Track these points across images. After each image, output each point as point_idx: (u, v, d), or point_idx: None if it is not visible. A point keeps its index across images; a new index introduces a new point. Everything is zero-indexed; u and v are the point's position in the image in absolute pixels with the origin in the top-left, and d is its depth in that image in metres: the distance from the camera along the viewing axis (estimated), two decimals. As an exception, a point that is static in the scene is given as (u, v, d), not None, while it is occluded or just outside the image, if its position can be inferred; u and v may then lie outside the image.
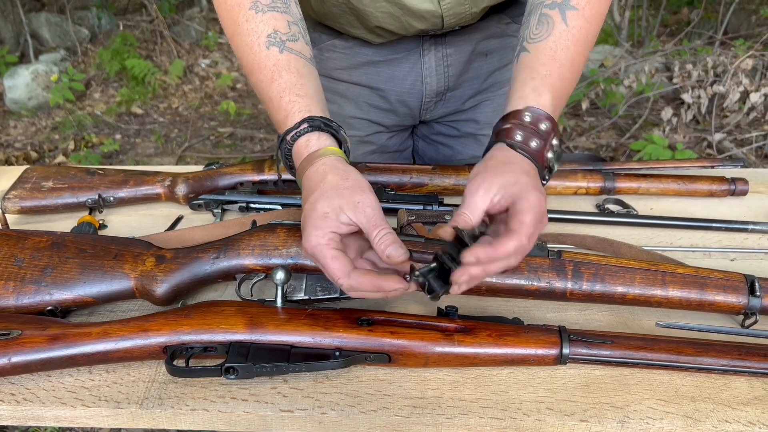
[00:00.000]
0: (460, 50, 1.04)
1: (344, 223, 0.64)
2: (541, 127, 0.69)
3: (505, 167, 0.65)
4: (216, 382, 0.63)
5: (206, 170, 0.99)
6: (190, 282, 0.72)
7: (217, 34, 5.41)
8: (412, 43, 1.02)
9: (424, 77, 1.05)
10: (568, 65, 0.73)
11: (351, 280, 0.62)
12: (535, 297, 0.72)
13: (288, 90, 0.73)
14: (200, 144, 3.63)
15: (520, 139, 0.68)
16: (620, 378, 0.64)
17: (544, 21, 0.75)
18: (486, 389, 0.62)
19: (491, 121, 1.10)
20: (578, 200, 0.99)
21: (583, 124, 3.26)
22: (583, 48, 0.75)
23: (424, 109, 1.11)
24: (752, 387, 0.63)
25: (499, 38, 1.07)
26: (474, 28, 1.03)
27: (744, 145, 2.69)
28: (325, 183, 0.66)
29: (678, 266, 0.72)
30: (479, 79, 1.10)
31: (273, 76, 0.73)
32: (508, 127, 0.70)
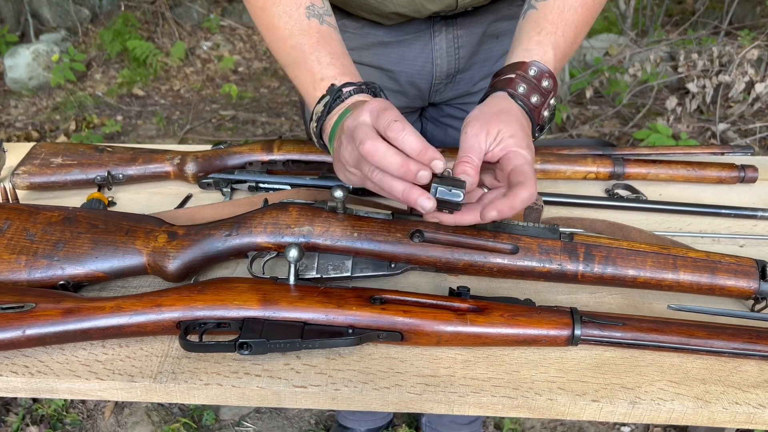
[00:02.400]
0: (471, 32, 1.04)
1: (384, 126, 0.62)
2: (543, 83, 0.72)
3: (503, 116, 0.67)
4: (229, 357, 0.63)
5: (215, 149, 0.99)
6: (202, 259, 0.72)
7: (219, 17, 5.38)
8: (423, 24, 1.01)
9: (435, 58, 1.05)
10: (573, 27, 0.75)
11: (408, 166, 0.59)
12: (546, 279, 0.73)
13: (340, 55, 0.75)
14: (202, 126, 3.61)
15: (522, 91, 0.71)
16: (631, 360, 0.64)
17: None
18: (498, 368, 0.63)
19: None
20: (588, 185, 0.99)
21: (587, 113, 3.25)
22: (590, 13, 0.77)
23: (434, 91, 1.10)
24: (762, 370, 0.63)
25: (511, 20, 1.06)
26: (486, 10, 1.03)
27: (748, 135, 2.69)
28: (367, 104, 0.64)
29: (689, 250, 0.72)
30: (490, 62, 1.09)
31: (319, 41, 0.75)
32: (511, 77, 0.71)
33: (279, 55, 0.79)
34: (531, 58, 0.72)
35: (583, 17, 0.76)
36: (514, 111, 0.69)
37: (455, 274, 0.76)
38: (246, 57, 4.80)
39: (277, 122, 3.63)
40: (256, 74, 4.50)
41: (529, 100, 0.70)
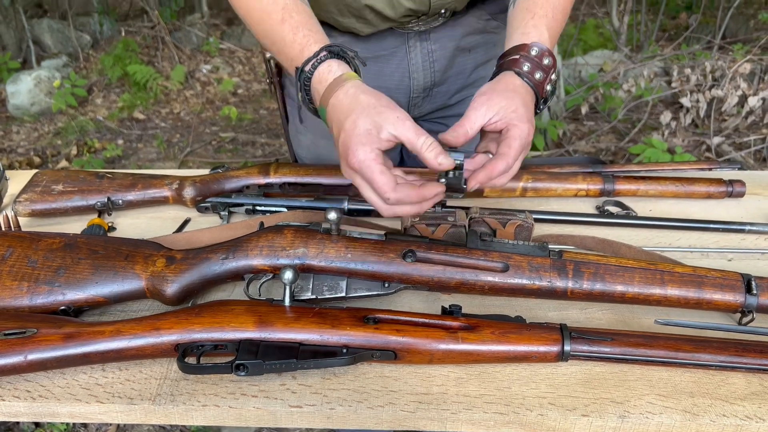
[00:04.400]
0: (444, 46, 1.08)
1: (386, 139, 0.68)
2: (544, 61, 0.79)
3: (509, 93, 0.75)
4: (226, 378, 0.64)
5: (213, 173, 1.01)
6: (199, 282, 0.74)
7: (218, 40, 5.45)
8: (398, 39, 1.05)
9: (411, 72, 1.08)
10: (561, 9, 0.84)
11: (397, 193, 0.68)
12: (537, 296, 0.74)
13: (301, 26, 0.78)
14: (202, 149, 3.65)
15: (527, 69, 0.78)
16: (620, 374, 0.65)
17: None
18: (489, 385, 0.64)
19: None
20: (579, 202, 1.01)
21: (583, 128, 3.28)
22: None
23: (413, 105, 1.13)
24: (749, 383, 0.64)
25: (481, 34, 1.11)
26: (456, 24, 1.07)
27: (742, 148, 2.71)
28: (359, 103, 0.70)
29: (676, 265, 0.74)
30: (464, 75, 1.13)
31: (284, 17, 0.79)
32: (516, 58, 0.79)
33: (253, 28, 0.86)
34: (530, 40, 0.80)
35: (566, 3, 0.85)
36: (520, 89, 0.76)
37: (448, 293, 0.77)
38: (245, 79, 4.86)
39: (277, 143, 3.66)
40: (255, 96, 4.55)
41: (533, 77, 0.78)
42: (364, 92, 0.72)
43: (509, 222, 0.85)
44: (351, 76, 0.74)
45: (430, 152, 0.68)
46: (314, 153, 1.20)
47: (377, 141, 0.68)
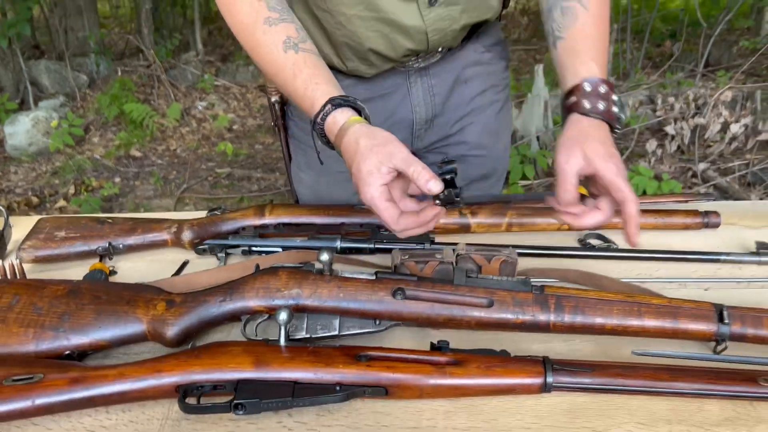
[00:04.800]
0: (443, 80, 1.16)
1: (386, 173, 0.78)
2: (600, 90, 0.85)
3: (582, 138, 0.82)
4: (225, 418, 0.67)
5: (210, 216, 1.05)
6: (198, 324, 0.77)
7: (213, 77, 5.54)
8: (400, 77, 1.13)
9: (413, 107, 1.16)
10: (599, 37, 0.91)
11: (400, 224, 0.79)
12: (521, 330, 0.77)
13: (310, 81, 0.88)
14: (198, 185, 3.69)
15: (589, 106, 0.85)
16: (601, 403, 0.68)
17: (567, 11, 0.93)
18: (477, 417, 0.67)
19: (479, 142, 1.24)
20: (562, 236, 1.05)
21: (572, 157, 3.34)
22: (605, 20, 0.93)
23: (416, 137, 1.21)
24: (723, 409, 0.67)
25: (476, 66, 1.19)
26: (453, 58, 1.14)
27: (727, 174, 2.77)
28: (360, 147, 0.80)
29: (653, 297, 0.77)
30: (463, 104, 1.21)
31: (295, 72, 0.89)
32: (575, 101, 0.86)
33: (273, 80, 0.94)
34: (581, 78, 0.86)
35: (602, 26, 0.92)
36: (591, 130, 0.83)
37: (437, 328, 0.81)
38: (240, 115, 4.94)
39: (272, 177, 3.72)
40: (250, 131, 4.63)
41: (597, 109, 0.85)
42: (363, 136, 0.80)
43: (494, 258, 0.89)
44: (352, 123, 0.83)
45: (420, 180, 0.76)
46: (315, 190, 1.27)
47: (380, 178, 0.78)
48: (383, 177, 0.77)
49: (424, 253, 0.90)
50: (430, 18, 1.01)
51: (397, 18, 1.00)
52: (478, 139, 1.24)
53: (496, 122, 1.26)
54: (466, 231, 1.07)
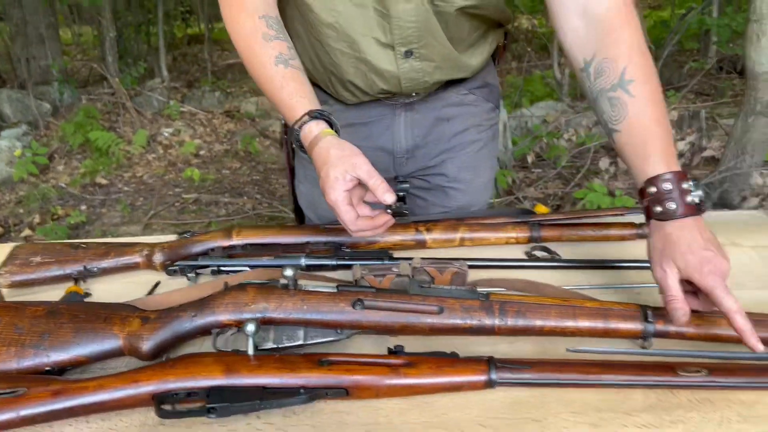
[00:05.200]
0: (425, 116, 1.24)
1: (349, 181, 0.90)
2: (665, 187, 0.82)
3: (671, 250, 0.81)
4: (199, 422, 0.73)
5: (180, 239, 1.10)
6: (172, 338, 0.83)
7: (179, 104, 5.58)
8: (387, 108, 1.22)
9: (395, 137, 1.25)
10: (654, 122, 0.86)
11: (356, 225, 0.92)
12: (469, 334, 0.85)
13: (294, 93, 0.99)
14: (166, 211, 3.71)
15: (661, 210, 0.83)
16: (540, 396, 0.76)
17: (615, 103, 0.89)
18: (429, 413, 0.74)
19: (457, 176, 1.31)
20: (510, 249, 1.14)
21: (531, 176, 3.48)
22: (658, 102, 0.88)
23: (398, 164, 1.29)
24: (647, 397, 0.76)
25: (458, 106, 1.27)
26: (437, 98, 1.23)
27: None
28: (330, 156, 0.92)
29: (586, 301, 0.86)
30: (443, 140, 1.29)
31: (282, 84, 1.00)
32: (647, 206, 0.85)
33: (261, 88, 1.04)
34: (647, 180, 0.84)
35: (655, 110, 0.87)
36: (673, 236, 0.82)
37: (394, 335, 0.88)
38: (207, 140, 4.98)
39: (240, 202, 3.76)
40: (217, 156, 4.66)
41: (669, 210, 0.82)
42: (333, 146, 0.93)
43: (446, 270, 0.97)
44: (324, 134, 0.95)
45: (378, 191, 0.89)
46: (311, 201, 1.36)
47: (344, 184, 0.90)
48: (347, 184, 0.90)
49: (383, 267, 0.98)
50: (404, 68, 1.11)
51: (374, 61, 1.10)
52: (456, 174, 1.31)
53: (476, 160, 1.32)
54: (422, 246, 1.14)
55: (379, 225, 0.94)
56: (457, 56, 1.14)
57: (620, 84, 0.88)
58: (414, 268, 0.97)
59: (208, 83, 6.63)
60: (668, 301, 0.81)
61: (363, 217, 0.94)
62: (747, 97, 2.67)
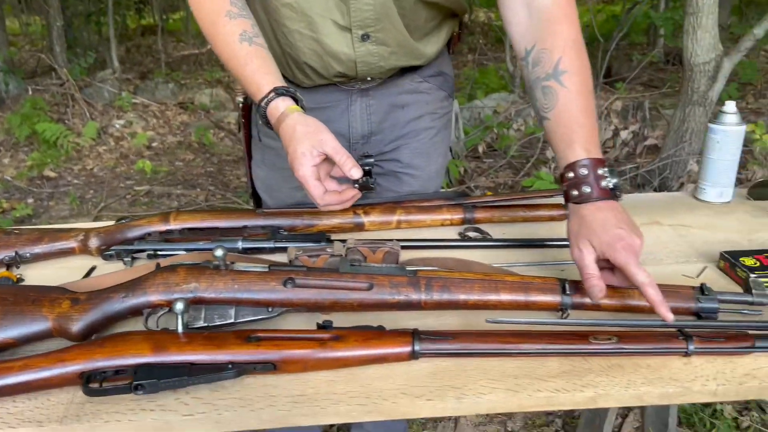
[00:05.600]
0: (381, 102, 1.26)
1: (316, 156, 0.95)
2: (581, 172, 0.88)
3: (586, 230, 0.86)
4: (127, 398, 0.74)
5: (116, 224, 1.10)
6: (103, 319, 0.83)
7: (131, 95, 5.47)
8: (343, 94, 1.24)
9: (351, 122, 1.27)
10: (581, 112, 0.92)
11: (324, 200, 0.97)
12: (397, 309, 0.88)
13: (258, 70, 1.02)
14: (117, 203, 3.65)
15: (577, 194, 0.89)
16: (461, 366, 0.80)
17: (547, 92, 0.94)
18: (355, 384, 0.77)
19: (410, 162, 1.33)
20: (445, 230, 1.18)
21: (483, 165, 3.54)
22: (586, 94, 0.94)
23: (353, 150, 1.30)
24: (561, 364, 0.80)
25: (413, 94, 1.29)
26: (392, 84, 1.25)
27: (620, 176, 3.02)
28: (297, 132, 0.96)
29: (507, 275, 0.90)
30: (398, 127, 1.31)
31: (246, 61, 1.02)
32: (565, 190, 0.91)
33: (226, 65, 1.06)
34: (566, 166, 0.90)
35: (584, 101, 0.92)
36: (587, 217, 0.87)
37: (325, 312, 0.90)
38: (160, 132, 4.90)
39: (193, 194, 3.72)
40: (170, 148, 4.60)
41: (584, 193, 0.88)
42: (300, 123, 0.97)
43: (378, 249, 1.00)
44: (291, 111, 0.99)
45: (345, 166, 0.95)
46: (268, 185, 1.37)
47: (311, 159, 0.95)
48: (314, 159, 0.95)
49: (317, 248, 1.00)
50: (360, 51, 1.13)
51: (331, 43, 1.12)
52: (410, 160, 1.33)
53: (429, 146, 1.34)
54: (361, 229, 1.17)
55: (347, 199, 0.99)
56: (412, 43, 1.17)
57: (554, 74, 0.93)
58: (348, 248, 1.00)
59: (162, 75, 6.51)
60: (585, 278, 0.85)
61: (330, 191, 0.98)
62: (684, 87, 2.78)
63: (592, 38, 5.25)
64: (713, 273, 1.03)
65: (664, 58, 6.99)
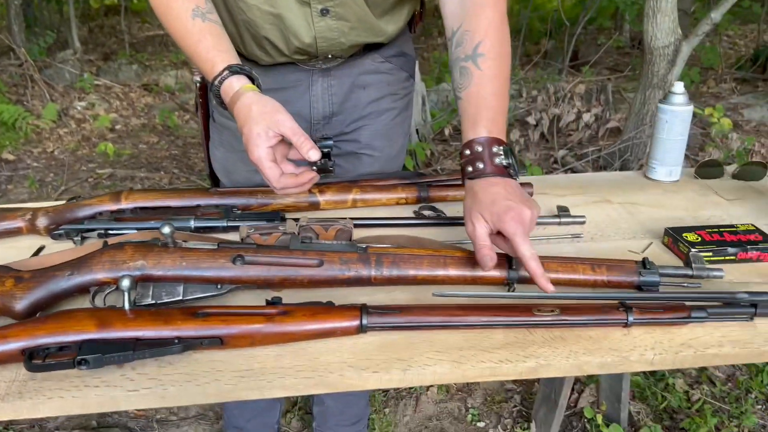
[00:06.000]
0: (342, 82, 1.25)
1: (272, 137, 0.92)
2: (477, 149, 0.92)
3: (479, 205, 0.88)
4: (71, 375, 0.74)
5: (66, 203, 1.09)
6: (48, 297, 0.82)
7: (93, 76, 5.34)
8: (304, 74, 1.22)
9: (312, 102, 1.25)
10: (492, 95, 0.96)
11: (281, 183, 0.94)
12: (348, 285, 0.89)
13: (212, 48, 1.00)
14: (78, 186, 3.58)
15: (471, 169, 0.93)
16: (408, 339, 0.81)
17: (464, 72, 0.97)
18: (302, 358, 0.78)
19: (370, 143, 1.33)
20: (401, 209, 1.18)
21: (450, 148, 3.56)
22: (500, 78, 0.97)
23: (314, 130, 1.29)
24: (506, 336, 0.82)
25: (374, 74, 1.28)
26: (353, 65, 1.24)
27: (582, 158, 3.08)
28: (252, 112, 0.93)
29: (456, 251, 0.91)
30: (359, 108, 1.30)
31: (200, 38, 1.01)
32: (462, 166, 0.94)
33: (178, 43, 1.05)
34: (466, 144, 0.94)
35: (497, 85, 0.96)
36: (480, 193, 0.89)
37: (275, 289, 0.91)
38: (123, 114, 4.80)
39: (157, 177, 3.67)
40: (134, 131, 4.51)
41: (478, 169, 0.92)
42: (255, 102, 0.94)
43: (331, 227, 1.00)
44: (246, 90, 0.97)
45: (303, 148, 0.92)
46: (224, 165, 1.34)
47: (267, 140, 0.92)
48: (270, 140, 0.92)
49: (269, 226, 1.00)
50: (320, 26, 1.11)
51: (291, 17, 1.10)
52: (370, 141, 1.33)
53: (390, 127, 1.34)
54: (316, 208, 1.17)
55: (304, 182, 0.96)
56: (372, 19, 1.16)
57: (472, 56, 0.97)
58: (300, 226, 1.00)
59: (126, 56, 6.36)
60: (477, 249, 0.87)
61: (287, 174, 0.95)
62: (645, 71, 2.83)
63: (560, 23, 5.29)
64: (658, 248, 1.06)
65: (630, 42, 7.08)
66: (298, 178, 0.96)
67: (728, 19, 5.64)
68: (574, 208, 1.16)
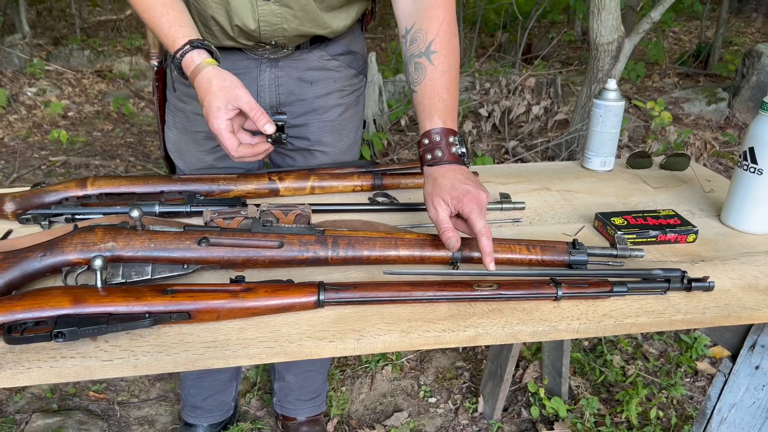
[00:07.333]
0: (288, 75, 1.30)
1: (231, 110, 1.02)
2: (435, 138, 1.01)
3: (439, 190, 0.96)
4: (48, 347, 0.79)
5: (33, 189, 1.13)
6: (21, 277, 0.87)
7: (43, 62, 5.21)
8: (253, 63, 1.27)
9: (259, 92, 1.30)
10: (444, 89, 1.04)
11: (239, 152, 1.04)
12: (307, 265, 0.97)
13: (174, 22, 1.07)
14: (31, 174, 3.53)
15: (430, 157, 1.01)
16: (362, 313, 0.89)
17: (418, 68, 1.06)
18: (264, 330, 0.85)
19: (320, 138, 1.38)
20: (356, 196, 1.26)
21: (406, 138, 3.65)
22: (452, 73, 1.06)
23: None
24: (450, 309, 0.91)
25: (321, 71, 1.33)
26: (299, 59, 1.29)
27: (532, 149, 3.21)
28: (212, 86, 1.03)
29: (406, 234, 1.00)
30: (306, 102, 1.35)
31: (162, 12, 1.07)
32: (421, 154, 1.03)
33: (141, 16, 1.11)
34: (423, 134, 1.02)
35: (449, 79, 1.05)
36: (438, 179, 0.97)
37: (238, 269, 0.98)
38: (76, 101, 4.72)
39: (112, 164, 3.64)
40: (88, 118, 4.45)
41: (437, 157, 1.00)
42: (215, 77, 1.03)
43: (290, 212, 1.07)
44: (206, 64, 1.05)
45: (259, 122, 1.02)
46: (178, 147, 1.39)
47: (226, 113, 1.01)
48: (228, 113, 1.02)
49: (232, 211, 1.06)
50: (263, 10, 1.16)
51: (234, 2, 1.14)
52: (319, 137, 1.38)
53: (339, 123, 1.39)
54: (276, 195, 1.24)
55: (260, 152, 1.06)
56: (316, 10, 1.21)
57: (426, 53, 1.06)
58: (261, 211, 1.07)
59: (77, 41, 6.21)
60: (441, 232, 0.95)
61: (244, 144, 1.04)
62: (591, 66, 2.97)
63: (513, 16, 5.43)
64: (589, 231, 1.17)
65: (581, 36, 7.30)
66: (254, 148, 1.05)
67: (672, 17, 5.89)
68: (515, 195, 1.26)
